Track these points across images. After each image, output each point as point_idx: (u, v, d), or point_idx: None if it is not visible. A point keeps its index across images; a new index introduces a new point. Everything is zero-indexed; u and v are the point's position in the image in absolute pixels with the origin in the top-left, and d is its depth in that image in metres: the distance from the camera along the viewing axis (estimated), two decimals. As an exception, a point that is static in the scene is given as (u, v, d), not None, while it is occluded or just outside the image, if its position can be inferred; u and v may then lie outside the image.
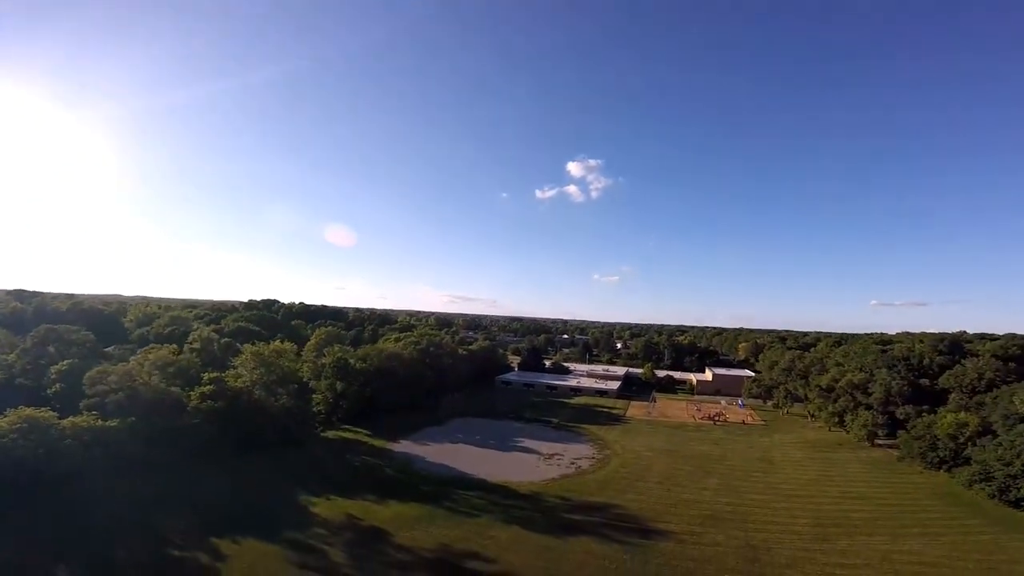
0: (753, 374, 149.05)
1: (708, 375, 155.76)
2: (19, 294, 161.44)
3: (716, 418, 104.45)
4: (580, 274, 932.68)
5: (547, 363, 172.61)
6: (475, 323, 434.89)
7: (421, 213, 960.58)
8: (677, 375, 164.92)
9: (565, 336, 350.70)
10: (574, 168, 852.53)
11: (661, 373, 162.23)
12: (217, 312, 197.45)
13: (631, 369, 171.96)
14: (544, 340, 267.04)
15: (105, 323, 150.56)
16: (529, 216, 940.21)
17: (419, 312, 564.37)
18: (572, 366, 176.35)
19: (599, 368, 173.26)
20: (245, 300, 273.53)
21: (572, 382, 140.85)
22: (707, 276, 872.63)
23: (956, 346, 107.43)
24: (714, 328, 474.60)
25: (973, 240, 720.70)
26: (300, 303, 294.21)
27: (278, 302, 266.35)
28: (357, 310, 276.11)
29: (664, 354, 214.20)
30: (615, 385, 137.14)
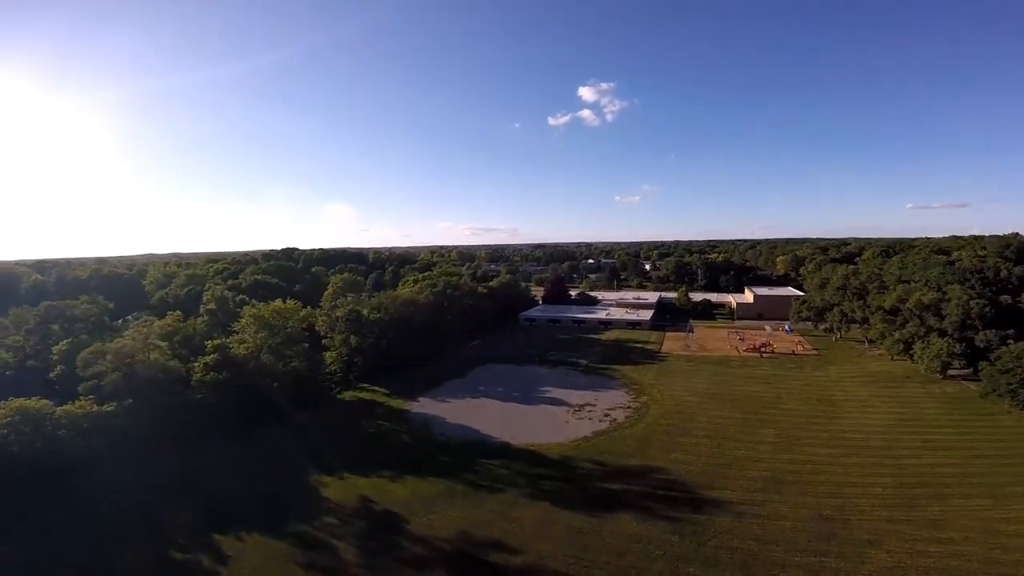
0: (799, 293, 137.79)
1: (748, 296, 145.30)
2: (40, 265, 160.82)
3: (762, 349, 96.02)
4: (601, 196, 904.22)
5: (573, 294, 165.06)
6: (497, 254, 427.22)
7: (438, 151, 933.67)
8: (714, 298, 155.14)
9: (590, 261, 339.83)
10: (586, 93, 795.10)
11: (697, 297, 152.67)
12: (237, 265, 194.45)
13: (664, 294, 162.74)
14: (568, 267, 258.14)
15: (126, 287, 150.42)
16: (544, 144, 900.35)
17: (443, 247, 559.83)
18: (600, 295, 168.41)
19: (629, 295, 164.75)
20: (269, 250, 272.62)
21: (601, 314, 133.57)
22: (733, 188, 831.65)
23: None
24: (746, 241, 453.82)
25: (1013, 135, 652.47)
26: (319, 249, 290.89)
27: (297, 250, 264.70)
28: (377, 252, 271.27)
29: (697, 274, 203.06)
30: (647, 315, 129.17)
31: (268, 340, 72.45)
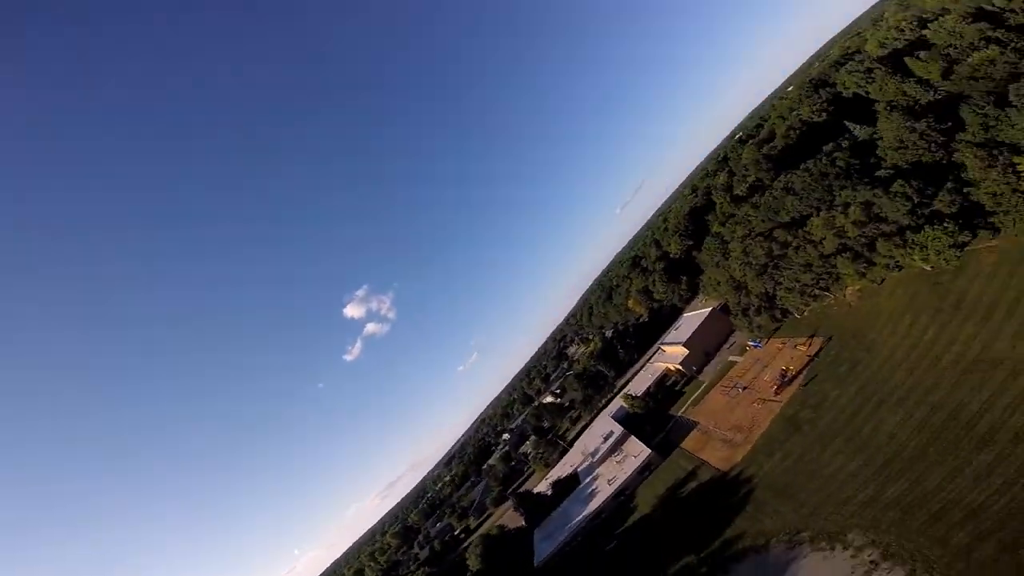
0: (703, 311, 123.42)
1: (678, 351, 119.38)
2: None
3: (783, 378, 75.93)
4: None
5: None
6: None
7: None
8: (653, 372, 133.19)
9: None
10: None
11: (639, 387, 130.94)
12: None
13: (609, 415, 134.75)
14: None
15: None
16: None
17: None
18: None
19: (594, 441, 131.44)
20: None
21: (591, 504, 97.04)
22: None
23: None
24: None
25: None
26: None
27: None
28: None
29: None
30: (640, 452, 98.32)
31: None
